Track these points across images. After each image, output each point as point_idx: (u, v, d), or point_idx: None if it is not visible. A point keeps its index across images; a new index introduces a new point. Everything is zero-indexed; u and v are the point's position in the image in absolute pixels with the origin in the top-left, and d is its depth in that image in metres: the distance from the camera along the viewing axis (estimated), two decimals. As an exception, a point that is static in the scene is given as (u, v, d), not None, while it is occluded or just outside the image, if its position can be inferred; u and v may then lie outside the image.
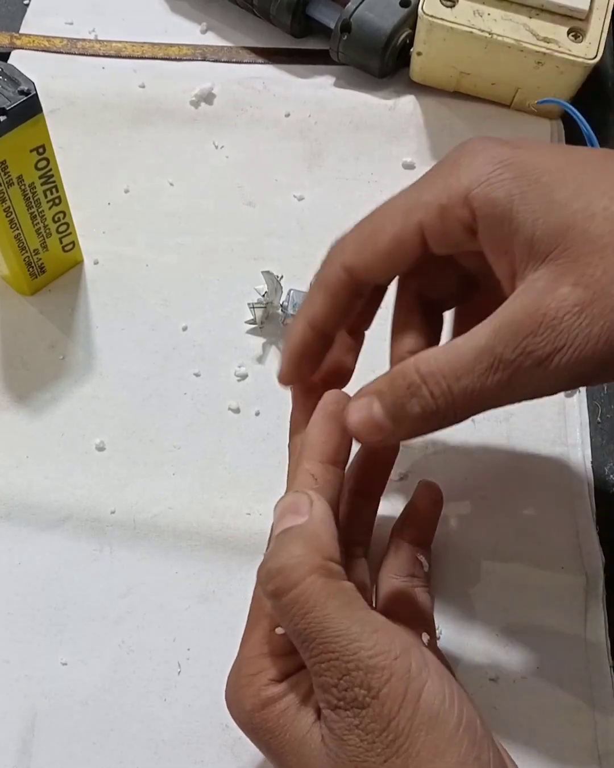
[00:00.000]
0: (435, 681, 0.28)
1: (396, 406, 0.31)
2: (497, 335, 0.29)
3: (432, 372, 0.30)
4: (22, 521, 0.42)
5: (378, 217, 0.34)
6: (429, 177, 0.33)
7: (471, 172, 0.31)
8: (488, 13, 0.50)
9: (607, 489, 0.44)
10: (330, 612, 0.28)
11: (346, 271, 0.34)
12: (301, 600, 0.28)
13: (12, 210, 0.42)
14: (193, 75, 0.56)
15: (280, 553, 0.30)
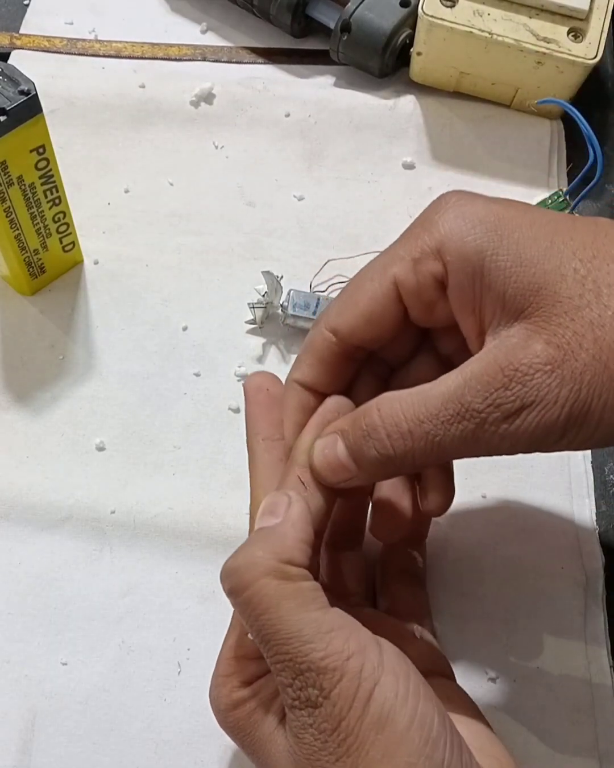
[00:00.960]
0: (388, 680, 0.28)
1: (356, 447, 0.31)
2: (467, 384, 0.29)
3: (392, 414, 0.30)
4: (22, 521, 0.42)
5: (359, 276, 0.34)
6: (405, 233, 0.33)
7: (443, 227, 0.31)
8: (488, 13, 0.50)
9: (607, 489, 0.44)
10: (282, 614, 0.28)
11: (331, 332, 0.33)
12: (254, 601, 0.29)
13: (12, 210, 0.42)
14: (193, 75, 0.56)
15: (238, 553, 0.30)
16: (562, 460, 0.44)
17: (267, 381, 0.35)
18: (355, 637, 0.28)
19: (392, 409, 0.30)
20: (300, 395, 0.34)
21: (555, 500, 0.43)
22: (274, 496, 0.32)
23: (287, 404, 0.35)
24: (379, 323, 0.33)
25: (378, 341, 0.34)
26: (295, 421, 0.34)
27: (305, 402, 0.34)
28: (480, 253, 0.30)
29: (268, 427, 0.35)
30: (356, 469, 0.31)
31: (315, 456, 0.32)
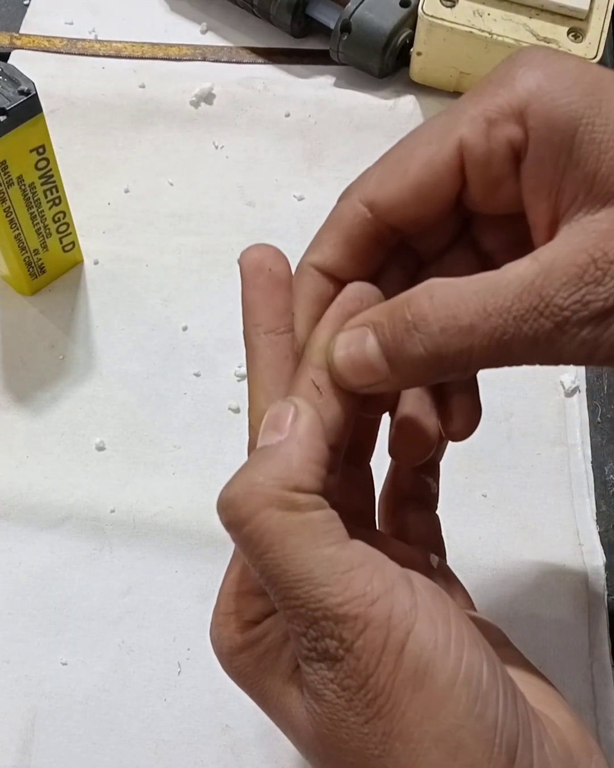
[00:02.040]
0: (424, 626, 0.23)
1: (395, 343, 0.25)
2: (548, 275, 0.23)
3: (449, 303, 0.24)
4: (22, 521, 0.42)
5: (410, 139, 0.27)
6: (476, 90, 0.26)
7: (529, 83, 0.25)
8: (488, 13, 0.50)
9: (607, 489, 0.44)
10: (289, 552, 0.23)
11: (366, 207, 0.27)
12: (255, 537, 0.24)
13: (12, 210, 0.42)
14: (193, 75, 0.56)
15: (235, 479, 0.25)
16: (562, 460, 0.44)
17: (269, 257, 0.28)
18: (380, 575, 0.23)
19: (448, 296, 0.24)
20: (316, 282, 0.28)
21: (556, 500, 0.43)
22: (278, 407, 0.26)
23: (300, 292, 0.28)
24: (430, 199, 0.26)
25: (421, 223, 0.27)
26: (309, 314, 0.28)
27: (322, 290, 0.28)
28: (574, 120, 0.24)
29: (272, 316, 0.28)
30: (388, 370, 0.25)
31: (337, 353, 0.26)
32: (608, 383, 0.47)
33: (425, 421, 0.30)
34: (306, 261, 0.28)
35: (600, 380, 0.47)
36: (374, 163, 0.27)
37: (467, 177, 0.26)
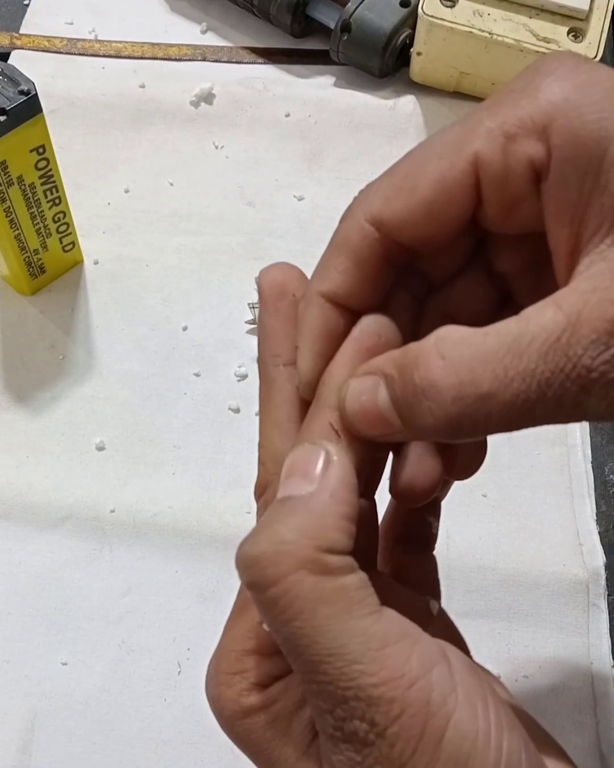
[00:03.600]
0: (465, 712, 0.21)
1: (406, 404, 0.22)
2: (575, 330, 0.20)
3: (463, 367, 0.21)
4: (22, 521, 0.42)
5: (420, 151, 0.25)
6: (494, 98, 0.24)
7: (555, 94, 0.22)
8: (488, 13, 0.50)
9: (607, 489, 0.44)
10: (320, 622, 0.21)
11: (373, 226, 0.25)
12: (282, 602, 0.22)
13: (12, 210, 0.42)
14: (193, 75, 0.56)
15: (261, 534, 0.22)
16: (562, 459, 0.44)
17: (293, 280, 0.26)
18: (418, 653, 0.21)
19: (462, 357, 0.21)
20: (325, 314, 0.25)
21: (556, 500, 0.43)
22: (306, 450, 0.23)
23: (306, 325, 0.25)
24: (442, 218, 0.24)
25: (433, 243, 0.25)
26: (316, 351, 0.25)
27: (332, 324, 0.25)
28: (604, 139, 0.22)
29: (293, 348, 0.25)
30: (401, 426, 0.23)
31: (349, 402, 0.24)
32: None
33: (429, 461, 0.27)
34: (314, 290, 0.25)
35: (600, 380, 0.47)
36: (378, 177, 0.25)
37: (482, 195, 0.24)
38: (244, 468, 0.44)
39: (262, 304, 0.26)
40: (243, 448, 0.44)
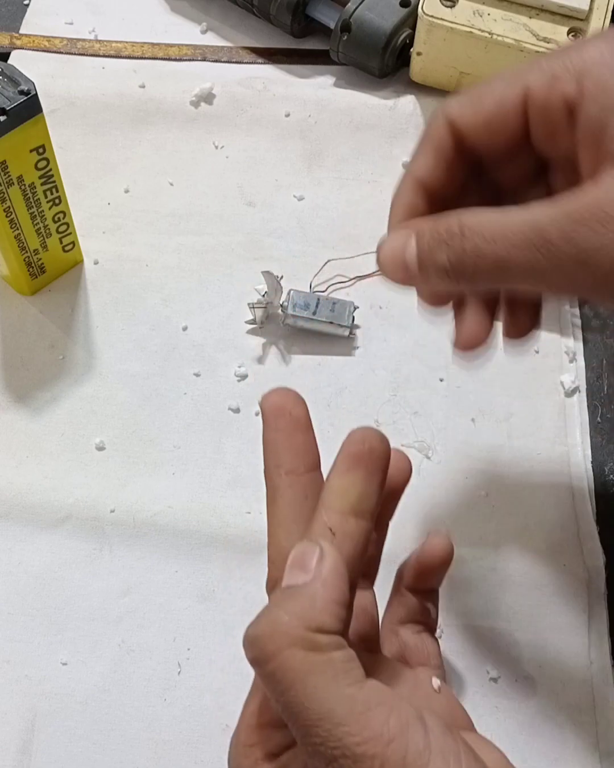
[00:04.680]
0: (438, 765, 0.25)
1: (428, 250, 0.30)
2: (553, 219, 0.28)
3: (474, 228, 0.29)
4: (22, 521, 0.42)
5: (490, 80, 0.32)
6: (555, 51, 0.32)
7: (595, 52, 0.30)
8: (488, 13, 0.50)
9: (607, 489, 0.44)
10: (310, 691, 0.25)
11: (451, 125, 0.32)
12: (278, 674, 0.25)
13: (12, 210, 0.42)
14: (193, 75, 0.56)
15: (262, 617, 0.27)
16: (562, 460, 0.44)
17: (289, 401, 0.30)
18: (396, 715, 0.25)
19: (474, 223, 0.29)
20: (411, 193, 0.33)
21: (556, 500, 0.43)
22: (304, 546, 0.27)
23: (396, 202, 0.33)
24: (499, 129, 0.32)
25: (493, 149, 0.32)
26: (399, 218, 0.33)
27: (414, 202, 0.33)
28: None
29: (293, 457, 0.30)
30: (417, 272, 0.31)
31: (385, 250, 0.31)
32: (608, 383, 0.47)
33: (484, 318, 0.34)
34: (407, 173, 0.33)
35: (600, 380, 0.47)
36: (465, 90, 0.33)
37: (530, 117, 0.31)
38: (244, 468, 0.44)
39: (265, 422, 0.30)
40: (243, 448, 0.44)
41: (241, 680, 0.38)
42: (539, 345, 0.47)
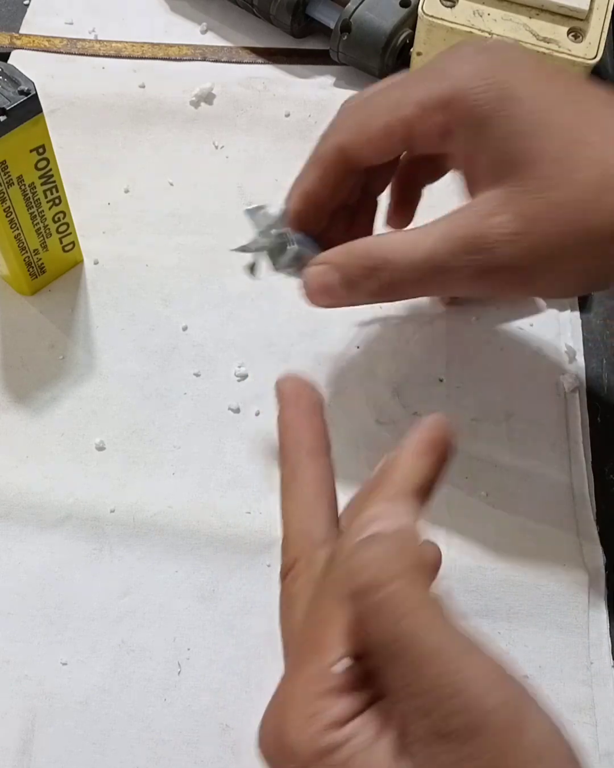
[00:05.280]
0: (542, 713, 0.24)
1: (354, 279, 0.36)
2: (443, 245, 0.34)
3: (386, 258, 0.35)
4: (22, 521, 0.42)
5: (373, 105, 0.37)
6: (420, 74, 0.37)
7: (457, 79, 0.34)
8: (488, 13, 0.50)
9: (607, 489, 0.44)
10: (424, 622, 0.24)
11: (340, 151, 0.37)
12: (389, 605, 0.24)
13: (12, 210, 0.42)
14: (193, 75, 0.56)
15: (367, 548, 0.26)
16: (562, 460, 0.44)
17: (305, 388, 0.32)
18: (494, 660, 0.24)
19: (392, 255, 0.35)
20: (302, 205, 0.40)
21: (556, 500, 0.43)
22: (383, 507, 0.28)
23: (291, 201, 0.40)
24: (389, 150, 0.37)
25: (382, 161, 0.38)
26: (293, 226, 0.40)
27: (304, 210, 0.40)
28: (486, 118, 0.34)
29: (313, 438, 0.31)
30: (346, 295, 0.37)
31: (311, 283, 0.38)
32: (608, 383, 0.47)
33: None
34: (295, 189, 0.40)
35: (600, 380, 0.47)
36: (343, 112, 0.39)
37: (414, 140, 0.36)
38: (244, 468, 0.44)
39: (284, 401, 0.32)
40: (243, 448, 0.44)
41: (241, 680, 0.39)
42: (539, 345, 0.47)
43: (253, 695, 0.38)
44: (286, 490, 0.30)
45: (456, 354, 0.47)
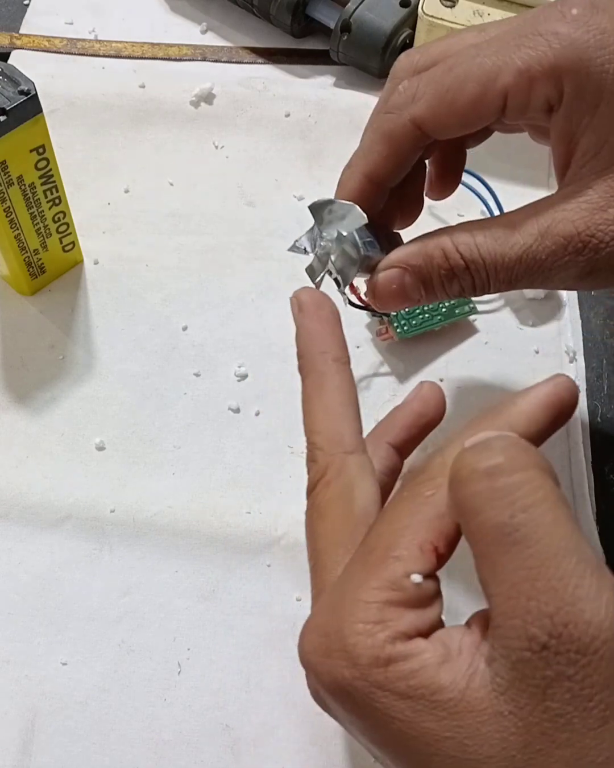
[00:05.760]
0: None
1: (432, 282, 0.32)
2: (542, 242, 0.30)
3: (474, 260, 0.31)
4: (22, 521, 0.42)
5: (458, 73, 0.31)
6: (515, 35, 0.31)
7: (572, 46, 0.29)
8: (488, 13, 0.50)
9: (607, 489, 0.44)
10: (560, 516, 0.23)
11: (417, 126, 0.32)
12: (527, 487, 0.23)
13: (12, 210, 0.42)
14: (193, 75, 0.56)
15: (501, 436, 0.25)
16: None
17: (325, 298, 0.31)
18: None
19: (473, 255, 0.31)
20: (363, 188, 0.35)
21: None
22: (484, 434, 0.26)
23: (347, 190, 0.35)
24: (472, 125, 0.32)
25: (456, 136, 0.33)
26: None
27: (366, 193, 0.35)
28: (599, 92, 0.29)
29: (338, 346, 0.30)
30: (423, 297, 0.33)
31: (381, 289, 0.33)
32: (608, 383, 0.47)
33: None
34: (358, 169, 0.34)
35: (600, 380, 0.47)
36: (418, 81, 0.33)
37: (506, 114, 0.31)
38: (244, 468, 0.44)
39: (304, 313, 0.30)
40: (243, 448, 0.44)
41: (241, 680, 0.39)
42: (539, 345, 0.47)
43: (253, 695, 0.38)
44: (312, 399, 0.29)
45: (456, 354, 0.47)
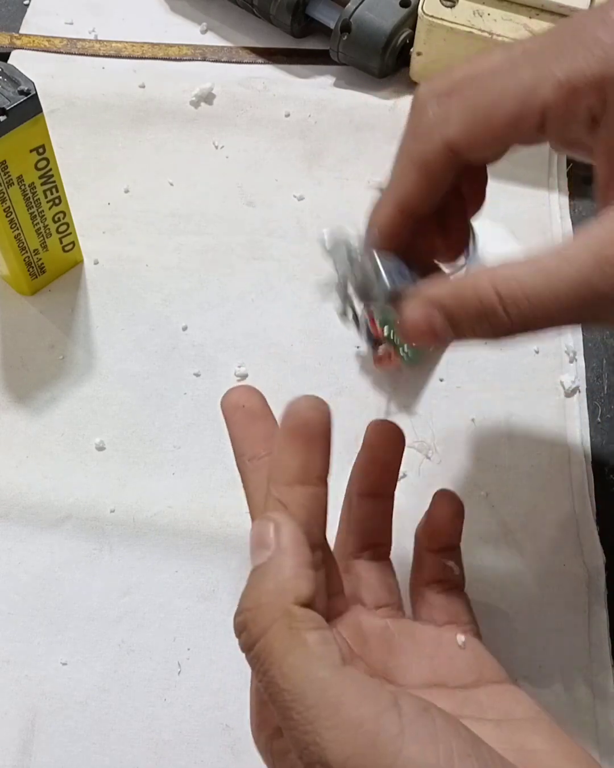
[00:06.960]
0: (412, 750, 0.23)
1: (464, 321, 0.28)
2: (598, 268, 0.26)
3: (514, 296, 0.27)
4: (22, 521, 0.42)
5: (496, 89, 0.29)
6: (553, 43, 0.28)
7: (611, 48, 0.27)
8: (488, 13, 0.50)
9: (607, 489, 0.44)
10: (287, 671, 0.25)
11: (451, 150, 0.29)
12: (261, 655, 0.26)
13: (12, 210, 0.42)
14: (193, 75, 0.56)
15: (241, 603, 0.27)
16: (562, 460, 0.44)
17: (242, 396, 0.32)
18: (369, 702, 0.24)
19: (511, 289, 0.27)
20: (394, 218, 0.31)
21: (556, 499, 0.43)
22: (259, 525, 0.28)
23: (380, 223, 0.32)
24: (509, 144, 0.30)
25: (495, 159, 0.31)
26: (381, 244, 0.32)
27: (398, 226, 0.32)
28: None
29: (252, 446, 0.31)
30: (452, 335, 0.29)
31: (409, 327, 0.30)
32: (608, 383, 0.47)
33: None
34: (390, 199, 0.31)
35: (600, 380, 0.47)
36: (447, 102, 0.30)
37: (546, 131, 0.29)
38: (244, 468, 0.44)
39: (225, 419, 0.32)
40: (243, 448, 0.44)
41: (241, 680, 0.38)
42: (539, 345, 0.47)
43: (253, 695, 0.38)
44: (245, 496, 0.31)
45: (456, 354, 0.47)
